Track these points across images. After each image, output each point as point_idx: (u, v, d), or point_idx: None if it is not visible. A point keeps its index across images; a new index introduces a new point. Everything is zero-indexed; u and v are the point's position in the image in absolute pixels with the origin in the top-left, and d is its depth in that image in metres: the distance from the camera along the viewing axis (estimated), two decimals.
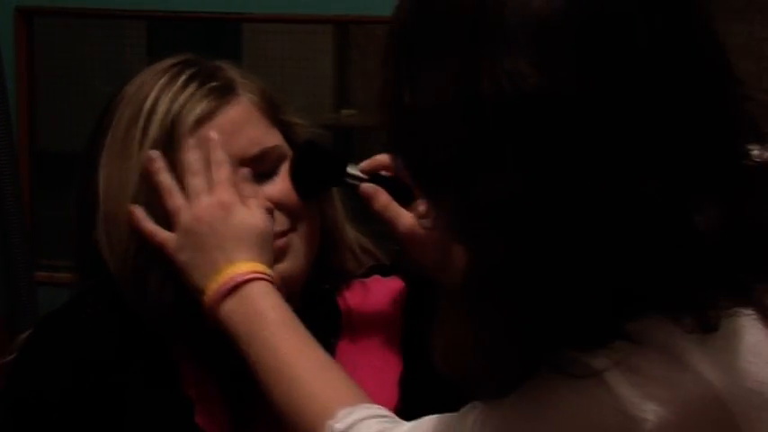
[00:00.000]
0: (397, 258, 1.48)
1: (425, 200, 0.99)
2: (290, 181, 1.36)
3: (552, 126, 0.88)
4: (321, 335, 1.39)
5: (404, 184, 1.34)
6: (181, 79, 1.35)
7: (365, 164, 1.36)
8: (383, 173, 1.37)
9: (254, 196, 1.33)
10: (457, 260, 0.96)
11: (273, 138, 1.38)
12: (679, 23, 0.92)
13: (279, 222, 1.35)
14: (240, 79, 1.39)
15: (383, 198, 1.34)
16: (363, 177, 1.36)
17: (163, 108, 1.33)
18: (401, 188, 1.35)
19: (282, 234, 1.35)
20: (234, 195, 1.30)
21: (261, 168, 1.36)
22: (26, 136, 2.55)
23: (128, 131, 1.34)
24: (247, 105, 1.37)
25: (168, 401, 1.34)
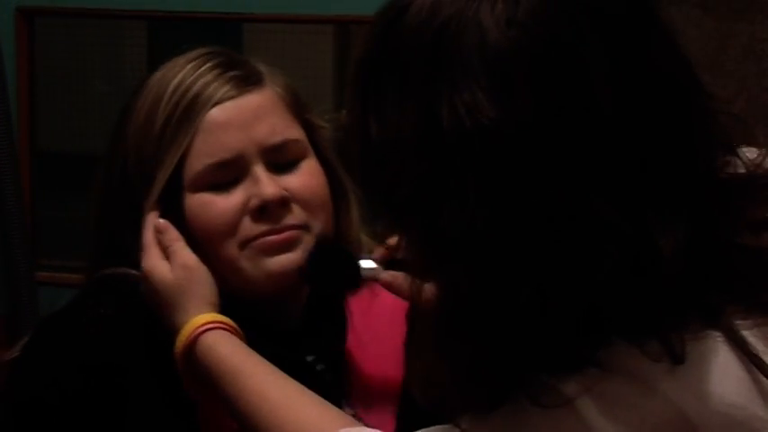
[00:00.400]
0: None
1: (396, 231, 0.99)
2: (305, 283, 1.36)
3: (510, 157, 0.88)
4: (328, 340, 1.39)
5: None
6: (208, 64, 1.37)
7: (377, 254, 1.36)
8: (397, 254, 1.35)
9: (273, 183, 1.34)
10: (427, 292, 0.96)
11: (296, 132, 1.38)
12: (637, 45, 0.91)
13: (295, 216, 1.35)
14: (268, 73, 1.40)
15: (399, 281, 1.33)
16: (378, 271, 1.35)
17: (185, 86, 1.35)
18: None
19: (296, 227, 1.35)
20: (156, 256, 1.33)
21: (281, 159, 1.36)
22: (26, 136, 2.55)
23: (151, 108, 1.35)
24: (273, 96, 1.38)
25: (170, 403, 1.34)
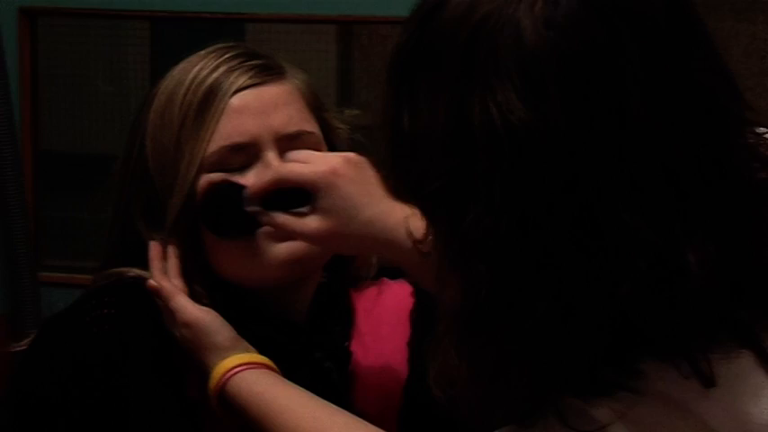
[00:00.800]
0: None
1: (426, 226, 0.99)
2: (203, 223, 1.35)
3: (538, 160, 0.88)
4: (334, 338, 1.39)
5: (289, 191, 1.31)
6: (228, 55, 1.37)
7: (251, 190, 1.32)
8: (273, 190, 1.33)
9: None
10: (451, 288, 0.95)
11: (312, 126, 1.38)
12: (675, 55, 0.90)
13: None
14: (289, 67, 1.40)
15: (279, 220, 1.31)
16: (260, 213, 1.32)
17: (203, 75, 1.35)
18: (298, 195, 1.31)
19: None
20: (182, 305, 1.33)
21: (294, 148, 1.36)
22: (29, 136, 2.56)
23: (170, 97, 1.36)
24: (292, 88, 1.38)
25: (173, 404, 1.34)
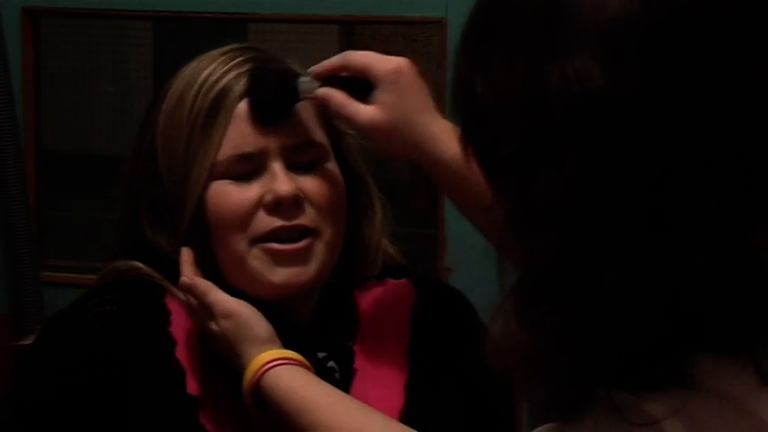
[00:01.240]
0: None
1: (492, 192, 0.97)
2: (249, 106, 1.36)
3: (615, 128, 0.87)
4: (338, 337, 1.39)
5: (359, 80, 1.35)
6: (239, 59, 1.37)
7: (315, 68, 1.38)
8: (339, 74, 1.37)
9: (289, 181, 1.35)
10: (515, 256, 0.94)
11: (320, 135, 1.39)
12: (761, 29, 0.89)
13: (307, 216, 1.35)
14: (303, 75, 1.40)
15: (338, 98, 1.35)
16: (316, 84, 1.36)
17: (214, 78, 1.36)
18: (357, 84, 1.35)
19: (307, 233, 1.35)
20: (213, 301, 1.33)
21: (300, 159, 1.36)
22: (32, 136, 2.55)
23: (180, 99, 1.36)
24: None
25: (173, 401, 1.34)
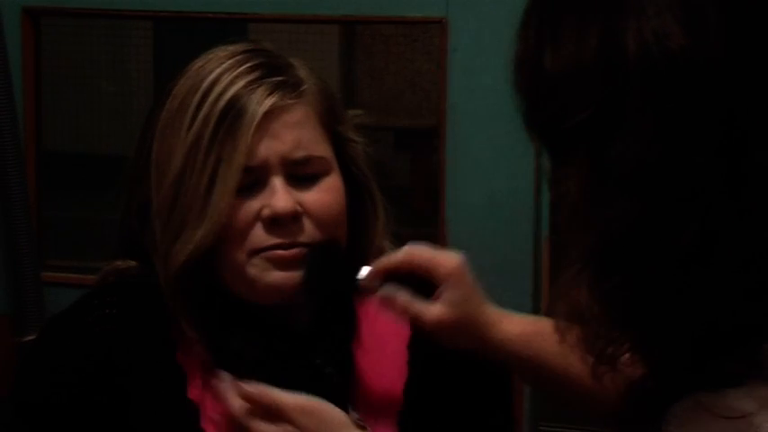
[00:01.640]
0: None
1: (556, 167, 0.95)
2: (301, 283, 1.33)
3: (695, 89, 0.85)
4: (336, 343, 1.39)
5: (419, 277, 1.32)
6: (247, 65, 1.35)
7: (376, 267, 1.34)
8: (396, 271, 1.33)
9: (288, 197, 1.33)
10: (586, 227, 0.92)
11: (322, 148, 1.37)
12: None
13: (306, 233, 1.34)
14: (307, 80, 1.38)
15: (402, 299, 1.32)
16: (376, 284, 1.33)
17: (220, 88, 1.33)
18: (417, 282, 1.32)
19: (304, 245, 1.35)
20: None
21: (302, 172, 1.35)
22: (32, 136, 2.55)
23: (182, 104, 1.34)
24: (307, 108, 1.36)
25: (173, 406, 1.34)
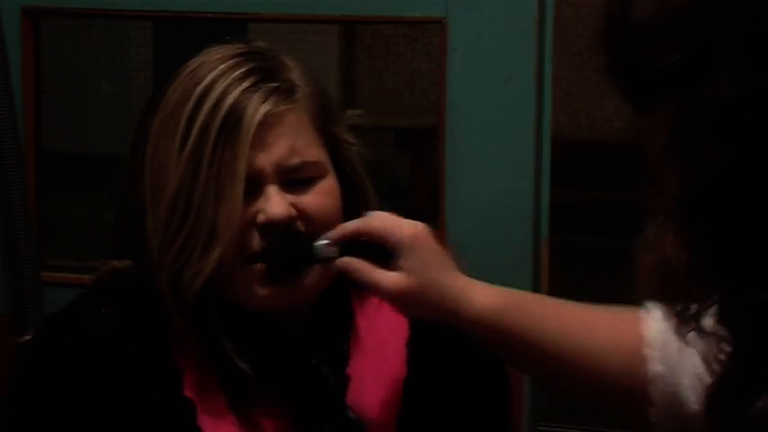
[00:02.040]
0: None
1: (641, 117, 0.94)
2: (264, 265, 1.34)
3: None
4: (333, 340, 1.40)
5: (379, 245, 1.32)
6: (240, 70, 1.35)
7: (333, 234, 1.34)
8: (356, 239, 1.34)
9: (282, 203, 1.33)
10: (672, 175, 0.91)
11: (316, 152, 1.37)
12: None
13: None
14: (301, 84, 1.38)
15: (360, 267, 1.33)
16: (333, 253, 1.34)
17: (214, 96, 1.32)
18: (377, 249, 1.33)
19: None
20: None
21: (296, 176, 1.36)
22: (32, 136, 2.55)
23: (175, 110, 1.35)
24: (301, 113, 1.36)
25: (170, 403, 1.34)
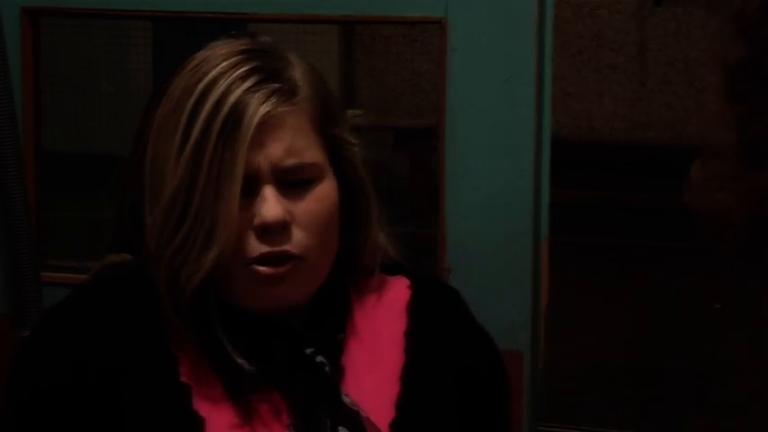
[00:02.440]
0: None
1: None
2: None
3: None
4: (329, 330, 1.41)
5: None
6: (243, 69, 1.35)
7: None
8: None
9: (278, 206, 1.34)
10: (726, 124, 0.92)
11: (315, 154, 1.37)
12: None
13: (294, 242, 1.35)
14: (303, 84, 1.38)
15: None
16: None
17: (216, 95, 1.32)
18: None
19: (290, 258, 1.35)
20: None
21: (293, 178, 1.36)
22: (32, 136, 2.55)
23: (177, 106, 1.35)
24: (301, 114, 1.37)
25: (167, 389, 1.35)
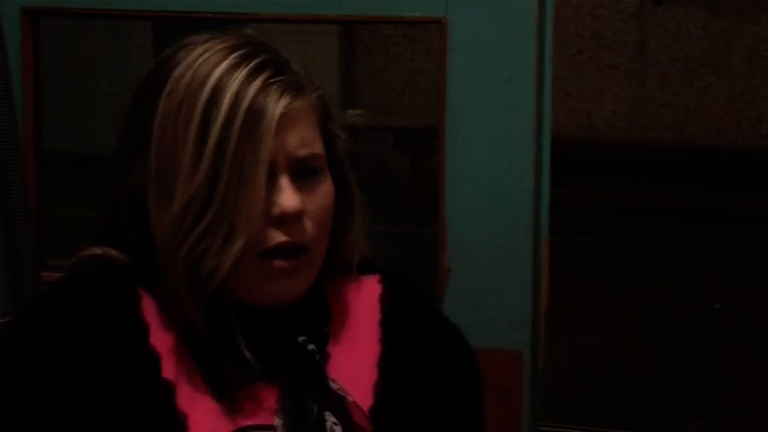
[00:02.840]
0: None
1: None
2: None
3: None
4: (315, 323, 1.43)
5: None
6: (252, 63, 1.36)
7: None
8: None
9: (295, 196, 1.35)
10: None
11: (319, 146, 1.41)
12: None
13: (306, 232, 1.38)
14: (306, 79, 1.41)
15: None
16: None
17: (233, 88, 1.33)
18: None
19: (304, 250, 1.38)
20: None
21: (303, 166, 1.38)
22: (32, 136, 2.55)
23: (186, 99, 1.35)
24: (308, 107, 1.39)
25: (149, 387, 1.36)
